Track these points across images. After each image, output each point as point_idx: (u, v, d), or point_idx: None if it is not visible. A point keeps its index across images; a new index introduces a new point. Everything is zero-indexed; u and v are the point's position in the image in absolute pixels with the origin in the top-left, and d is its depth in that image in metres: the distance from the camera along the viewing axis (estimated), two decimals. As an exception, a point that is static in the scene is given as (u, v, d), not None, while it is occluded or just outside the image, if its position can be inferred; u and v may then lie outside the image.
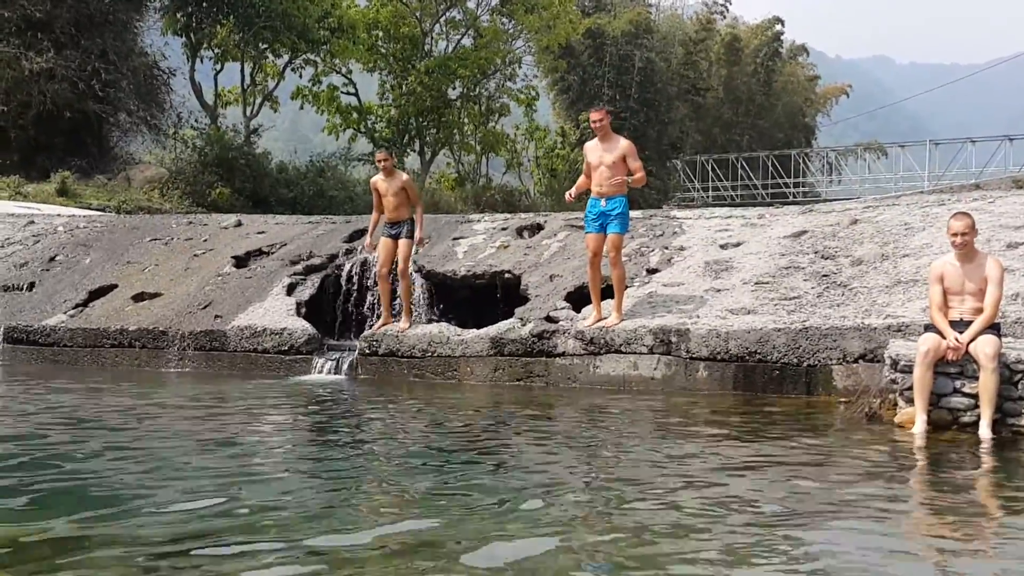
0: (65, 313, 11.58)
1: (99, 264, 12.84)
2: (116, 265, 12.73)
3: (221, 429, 6.31)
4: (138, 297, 11.68)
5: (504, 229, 11.87)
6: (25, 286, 12.59)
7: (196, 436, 6.02)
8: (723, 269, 9.62)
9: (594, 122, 8.96)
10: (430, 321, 10.49)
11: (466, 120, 39.08)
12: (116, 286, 12.10)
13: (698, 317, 8.61)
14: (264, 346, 10.29)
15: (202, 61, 31.21)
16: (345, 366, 9.96)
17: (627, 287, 9.30)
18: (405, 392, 8.73)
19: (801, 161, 47.60)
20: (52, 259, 13.32)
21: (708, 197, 45.18)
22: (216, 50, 30.73)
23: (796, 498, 4.25)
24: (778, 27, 53.61)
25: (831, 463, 5.21)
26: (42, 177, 24.10)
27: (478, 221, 12.49)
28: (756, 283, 9.14)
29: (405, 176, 10.33)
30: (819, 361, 7.89)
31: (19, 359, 11.23)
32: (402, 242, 10.08)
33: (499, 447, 5.76)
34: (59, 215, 16.40)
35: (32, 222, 15.15)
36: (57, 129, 26.09)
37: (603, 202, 8.86)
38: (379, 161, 10.24)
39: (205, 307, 11.11)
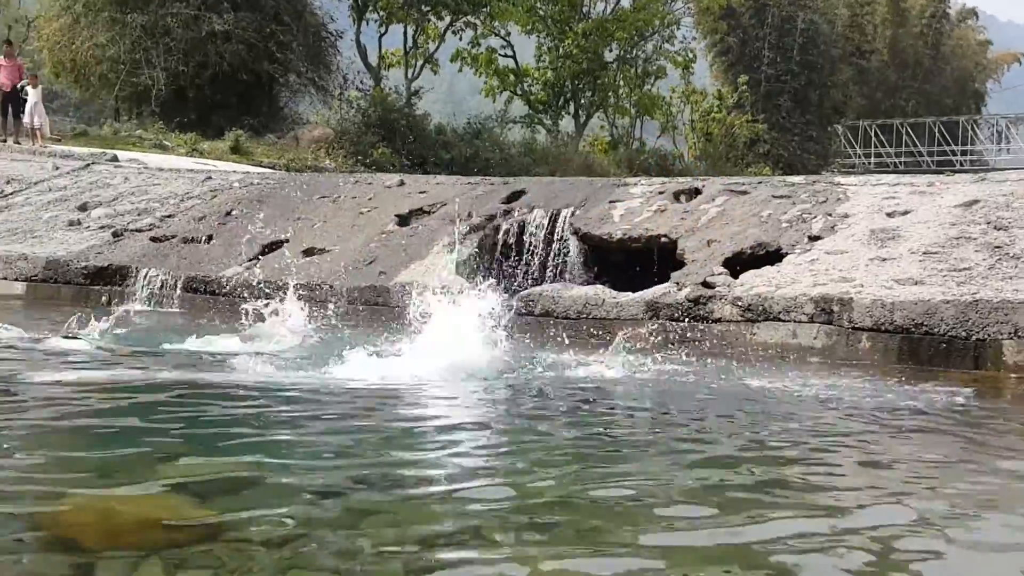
0: (240, 265, 12.25)
1: (272, 219, 13.50)
2: (287, 221, 13.36)
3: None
4: (308, 252, 12.25)
5: (661, 193, 11.83)
6: (203, 238, 13.35)
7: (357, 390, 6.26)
8: (889, 238, 9.35)
9: None
10: (585, 283, 10.61)
11: (622, 83, 38.79)
12: (287, 241, 12.70)
13: (862, 286, 8.42)
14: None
15: (367, 24, 32.06)
16: (501, 325, 10.19)
17: (787, 254, 9.16)
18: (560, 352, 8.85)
19: (970, 128, 45.15)
20: (228, 213, 14.08)
21: (870, 164, 43.54)
22: (381, 13, 31.49)
23: (960, 484, 4.15)
24: (945, -13, 50.86)
25: (997, 443, 5.07)
26: (217, 135, 25.38)
27: (634, 185, 12.49)
28: (924, 253, 8.85)
29: None
30: (989, 335, 7.61)
31: (197, 308, 11.95)
32: None
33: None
34: (234, 172, 17.29)
35: (210, 178, 16.03)
36: (232, 89, 27.38)
37: None
38: None
39: (370, 263, 11.56)
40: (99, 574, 2.58)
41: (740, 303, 8.84)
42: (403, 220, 12.65)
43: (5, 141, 20.09)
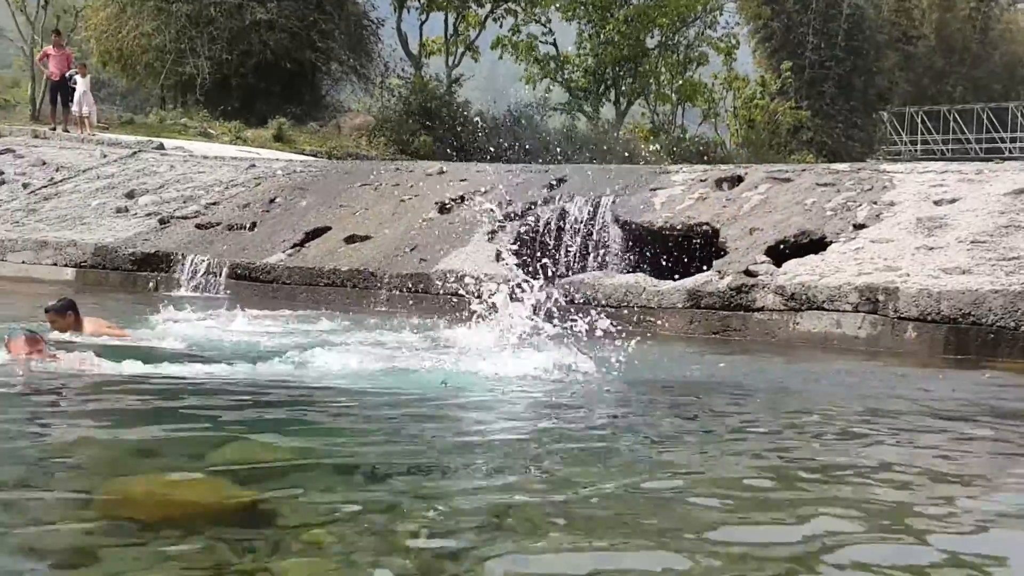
0: (283, 252, 12.37)
1: (314, 207, 13.61)
2: (330, 208, 13.47)
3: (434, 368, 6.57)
4: (350, 239, 12.34)
5: (703, 180, 11.76)
6: (247, 226, 13.49)
7: (409, 373, 6.32)
8: (936, 226, 9.22)
9: None
10: (626, 271, 10.59)
11: (663, 69, 38.45)
12: (330, 228, 12.81)
13: (908, 276, 8.32)
14: (465, 290, 10.67)
15: (408, 11, 32.12)
16: (542, 313, 10.19)
17: (832, 243, 9.08)
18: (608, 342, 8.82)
19: (1019, 114, 44.23)
20: (272, 201, 14.21)
21: (916, 151, 42.87)
22: (422, 0, 31.53)
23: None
24: (995, -30, 49.80)
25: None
26: (260, 123, 25.59)
27: (676, 172, 12.42)
28: (972, 242, 8.72)
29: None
30: (1039, 326, 7.50)
31: (242, 294, 12.08)
32: None
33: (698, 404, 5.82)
34: (277, 159, 17.44)
35: (253, 165, 16.18)
36: (275, 77, 27.57)
37: None
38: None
39: (411, 250, 11.63)
40: (153, 548, 2.65)
41: (783, 292, 8.78)
42: (443, 208, 12.69)
43: (55, 129, 20.42)
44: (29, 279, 12.86)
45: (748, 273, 9.25)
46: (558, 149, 28.89)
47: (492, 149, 27.07)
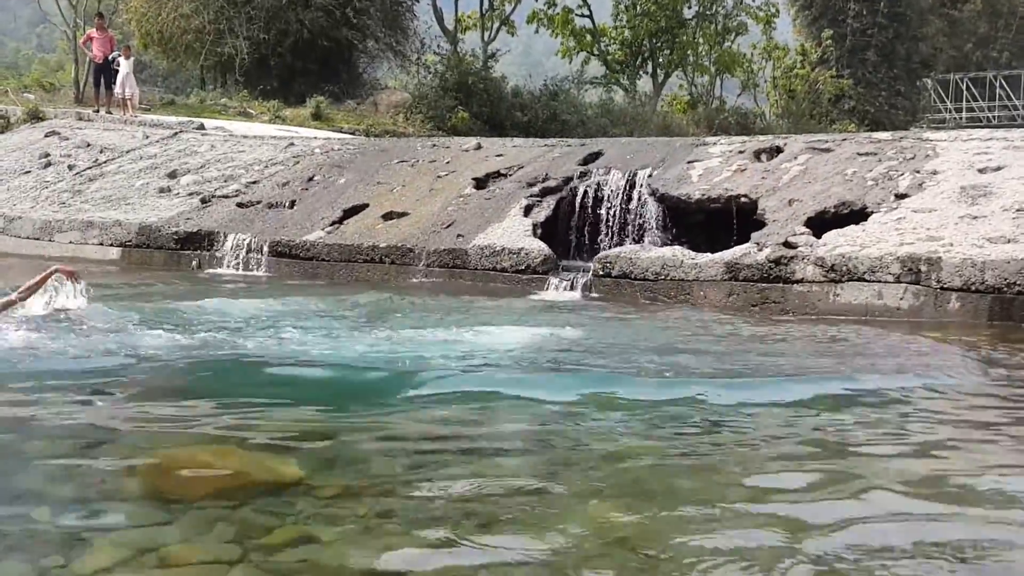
0: (323, 229, 12.47)
1: (352, 184, 13.69)
2: (367, 185, 13.54)
3: (470, 344, 6.62)
4: (387, 216, 12.40)
5: (741, 152, 11.65)
6: (287, 204, 13.60)
7: (449, 348, 6.36)
8: (981, 195, 9.08)
9: None
10: (663, 244, 10.54)
11: (701, 40, 38.03)
12: (367, 205, 12.88)
13: (951, 245, 8.21)
14: (502, 265, 10.71)
15: (443, -14, 32.10)
16: (579, 286, 10.22)
17: (873, 213, 8.97)
18: (643, 312, 8.83)
19: (1069, 80, 43.23)
20: (310, 179, 14.31)
21: (961, 119, 42.06)
22: (457, -25, 31.50)
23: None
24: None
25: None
26: (298, 102, 25.74)
27: (714, 144, 12.32)
28: (1018, 210, 8.58)
29: None
30: (1086, 295, 7.37)
31: (282, 271, 12.22)
32: None
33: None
34: (316, 138, 17.54)
35: (292, 144, 16.29)
36: (312, 56, 27.69)
37: None
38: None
39: (448, 226, 11.67)
40: (192, 522, 2.71)
41: (823, 263, 8.70)
42: (480, 183, 12.71)
43: (98, 111, 20.68)
44: (76, 259, 13.08)
45: (787, 245, 9.18)
46: (595, 123, 28.80)
47: (528, 123, 27.06)
